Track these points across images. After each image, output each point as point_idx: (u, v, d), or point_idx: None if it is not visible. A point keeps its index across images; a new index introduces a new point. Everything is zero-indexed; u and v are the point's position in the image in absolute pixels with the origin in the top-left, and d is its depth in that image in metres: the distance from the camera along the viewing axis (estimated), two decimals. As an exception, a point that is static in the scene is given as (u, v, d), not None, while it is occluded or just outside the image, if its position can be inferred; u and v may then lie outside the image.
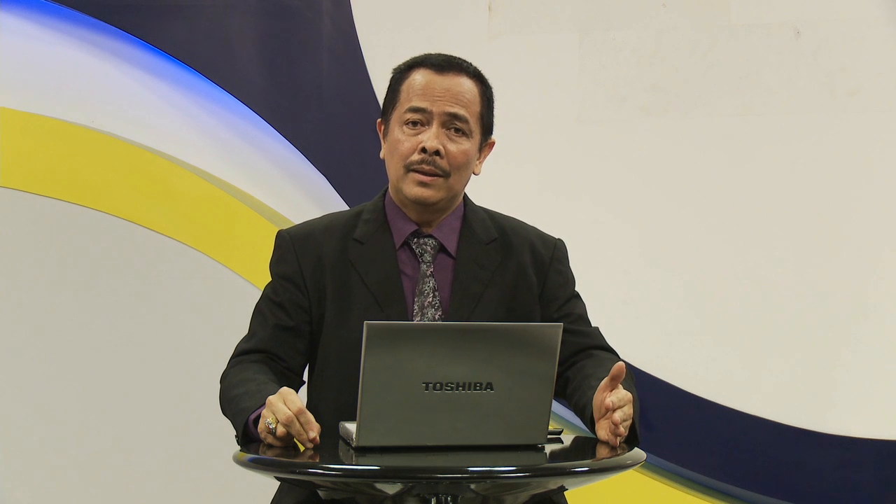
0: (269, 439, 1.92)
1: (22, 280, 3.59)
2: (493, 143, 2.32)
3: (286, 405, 1.90)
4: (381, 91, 3.45)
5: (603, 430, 2.00)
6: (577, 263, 2.35)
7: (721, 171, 3.35)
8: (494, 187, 2.33)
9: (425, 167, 2.20)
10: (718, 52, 3.36)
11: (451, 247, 2.26)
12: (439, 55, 2.27)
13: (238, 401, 2.07)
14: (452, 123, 2.22)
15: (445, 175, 2.21)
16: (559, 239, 2.35)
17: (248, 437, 2.01)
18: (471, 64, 2.28)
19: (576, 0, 3.44)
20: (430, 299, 2.21)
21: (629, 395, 2.00)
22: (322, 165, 3.52)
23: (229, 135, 3.59)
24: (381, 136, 2.31)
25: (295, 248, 2.25)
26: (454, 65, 2.25)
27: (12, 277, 3.60)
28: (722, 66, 3.36)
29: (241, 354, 2.23)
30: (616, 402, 1.95)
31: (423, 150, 2.19)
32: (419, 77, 2.24)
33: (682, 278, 3.35)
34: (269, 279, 2.29)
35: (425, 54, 2.28)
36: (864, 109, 3.27)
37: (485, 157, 2.31)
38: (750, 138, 3.33)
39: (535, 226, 2.36)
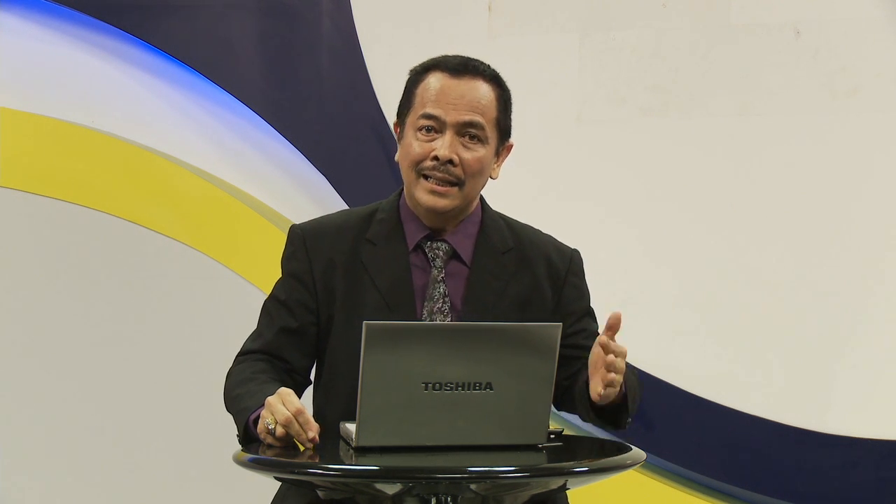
0: (269, 440, 1.92)
1: (22, 280, 3.60)
2: (511, 147, 2.28)
3: (284, 406, 1.90)
4: (381, 91, 3.50)
5: (596, 385, 1.97)
6: (577, 263, 2.34)
7: (721, 171, 3.35)
8: (494, 187, 2.32)
9: (438, 175, 2.17)
10: (718, 52, 3.36)
11: (466, 254, 2.23)
12: (456, 57, 2.22)
13: (239, 400, 2.08)
14: (467, 131, 2.18)
15: (460, 184, 2.18)
16: (575, 250, 2.32)
17: (249, 437, 2.02)
18: (488, 66, 2.23)
19: (576, 0, 3.44)
20: (440, 305, 2.19)
21: (624, 349, 1.97)
22: (322, 165, 3.51)
23: (229, 135, 3.59)
24: (396, 137, 2.27)
25: (307, 246, 2.23)
26: (470, 68, 2.20)
27: (12, 277, 3.60)
28: (722, 66, 3.35)
29: (247, 353, 2.23)
30: (615, 350, 1.94)
31: (436, 157, 2.16)
32: (434, 81, 2.19)
33: (681, 278, 3.35)
34: (275, 275, 2.27)
35: (442, 56, 2.24)
36: (864, 109, 3.27)
37: (503, 161, 2.28)
38: (750, 138, 3.33)
39: (536, 226, 2.34)
